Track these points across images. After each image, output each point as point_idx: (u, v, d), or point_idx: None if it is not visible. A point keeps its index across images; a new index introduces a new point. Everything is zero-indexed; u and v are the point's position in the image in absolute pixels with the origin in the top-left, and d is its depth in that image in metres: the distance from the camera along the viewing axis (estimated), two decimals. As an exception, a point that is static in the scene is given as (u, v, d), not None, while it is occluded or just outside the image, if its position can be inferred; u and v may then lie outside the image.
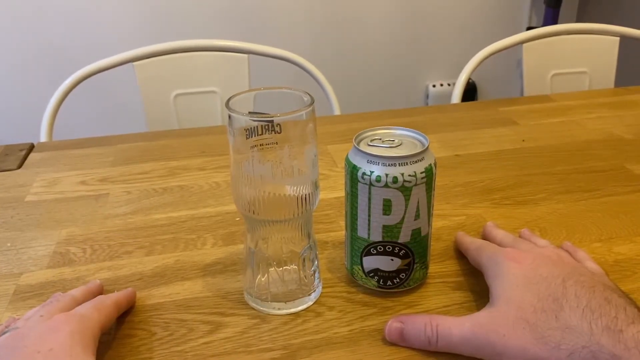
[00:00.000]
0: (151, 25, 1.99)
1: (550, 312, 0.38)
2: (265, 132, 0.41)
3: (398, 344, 0.43)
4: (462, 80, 1.13)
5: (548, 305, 0.38)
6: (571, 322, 0.37)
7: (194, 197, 0.67)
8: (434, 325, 0.41)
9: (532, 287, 0.40)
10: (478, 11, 2.26)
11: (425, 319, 0.42)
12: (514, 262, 0.43)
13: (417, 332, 0.42)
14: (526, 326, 0.38)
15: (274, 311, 0.47)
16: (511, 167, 0.74)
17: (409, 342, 0.42)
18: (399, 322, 0.43)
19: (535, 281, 0.41)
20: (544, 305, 0.38)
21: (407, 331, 0.42)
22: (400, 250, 0.46)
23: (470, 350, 0.40)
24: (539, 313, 0.38)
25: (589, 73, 1.26)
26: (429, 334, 0.41)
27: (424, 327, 0.41)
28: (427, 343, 0.41)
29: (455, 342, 0.40)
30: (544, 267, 0.42)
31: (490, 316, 0.40)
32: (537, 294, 0.39)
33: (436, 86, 2.33)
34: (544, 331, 0.37)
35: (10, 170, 0.76)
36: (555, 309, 0.38)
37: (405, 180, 0.43)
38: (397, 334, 0.43)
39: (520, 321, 0.38)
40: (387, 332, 0.43)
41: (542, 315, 0.38)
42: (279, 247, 0.46)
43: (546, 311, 0.38)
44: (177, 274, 0.53)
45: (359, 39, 2.19)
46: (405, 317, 0.43)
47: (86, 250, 0.57)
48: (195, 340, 0.44)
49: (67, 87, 1.05)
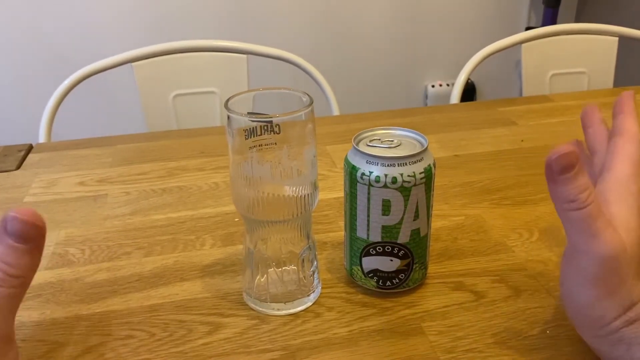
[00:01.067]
0: (150, 26, 1.99)
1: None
2: (264, 132, 0.41)
3: (553, 169, 0.36)
4: (461, 81, 1.13)
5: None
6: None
7: (193, 198, 0.67)
8: (592, 197, 0.35)
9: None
10: (477, 11, 2.26)
11: (589, 182, 0.36)
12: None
13: (578, 183, 0.35)
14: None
15: (273, 312, 0.47)
16: (510, 167, 0.74)
17: (560, 181, 0.36)
18: (576, 159, 0.35)
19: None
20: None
21: (573, 173, 0.35)
22: (399, 250, 0.46)
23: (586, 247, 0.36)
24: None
25: (588, 73, 1.26)
26: (584, 196, 0.35)
27: (586, 187, 0.35)
28: (572, 198, 0.35)
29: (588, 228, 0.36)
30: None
31: (622, 245, 0.36)
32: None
33: (435, 86, 2.33)
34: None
35: (9, 171, 0.76)
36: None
37: (405, 180, 0.43)
38: (567, 163, 0.35)
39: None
40: (560, 152, 0.35)
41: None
42: (278, 248, 0.46)
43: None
44: (176, 274, 0.53)
45: (357, 39, 2.19)
46: (581, 158, 0.36)
47: (85, 251, 0.57)
48: (194, 341, 0.44)
49: (65, 87, 1.05)
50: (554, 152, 0.36)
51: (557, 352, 0.42)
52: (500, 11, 2.28)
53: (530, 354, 0.42)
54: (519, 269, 0.52)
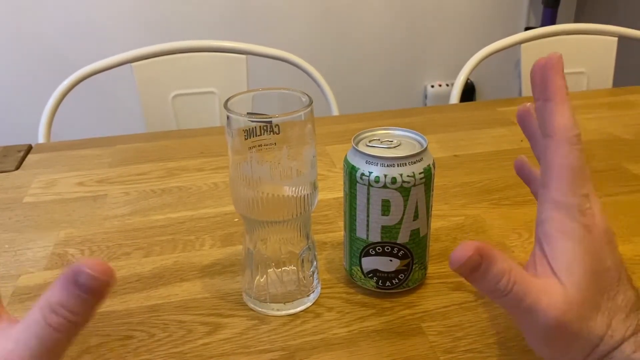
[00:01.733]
0: (150, 26, 1.99)
1: (604, 310, 0.35)
2: (263, 132, 0.41)
3: (462, 275, 0.33)
4: (461, 81, 1.13)
5: (603, 303, 0.36)
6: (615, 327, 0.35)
7: (192, 198, 0.67)
8: (512, 281, 0.33)
9: (596, 278, 0.36)
10: (476, 11, 2.26)
11: (505, 266, 0.33)
12: (590, 234, 0.36)
13: (490, 276, 0.33)
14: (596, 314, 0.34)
15: (272, 312, 0.47)
16: (510, 167, 0.73)
17: (473, 281, 0.33)
18: (479, 256, 0.32)
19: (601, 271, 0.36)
20: (599, 301, 0.35)
21: (481, 271, 0.32)
22: (399, 250, 0.46)
23: (528, 324, 0.35)
24: (594, 310, 0.35)
25: (587, 73, 1.26)
26: (502, 285, 0.33)
27: (501, 275, 0.33)
28: (491, 290, 0.33)
29: (521, 308, 0.33)
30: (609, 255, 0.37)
31: (566, 300, 0.34)
32: (599, 289, 0.36)
33: (434, 86, 2.33)
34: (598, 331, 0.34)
35: (8, 172, 0.76)
36: (609, 310, 0.35)
37: (404, 180, 0.43)
38: (470, 267, 0.32)
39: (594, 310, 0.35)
40: (459, 259, 0.32)
41: (597, 313, 0.35)
42: (277, 248, 0.46)
43: (600, 309, 0.35)
44: (176, 275, 0.53)
45: (357, 40, 2.19)
46: (485, 251, 0.32)
47: (84, 251, 0.57)
48: (194, 342, 0.44)
49: (65, 88, 1.05)
50: (452, 261, 0.32)
51: None
52: (500, 11, 2.29)
53: (529, 354, 0.42)
54: (518, 269, 0.52)
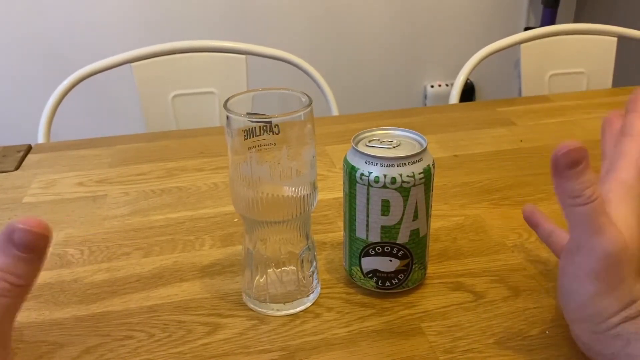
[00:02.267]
0: (149, 26, 1.99)
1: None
2: (263, 133, 0.41)
3: (561, 163, 0.38)
4: (460, 81, 1.13)
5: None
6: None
7: (192, 198, 0.67)
8: (598, 193, 0.37)
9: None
10: (476, 11, 2.26)
11: (595, 179, 0.38)
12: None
13: (583, 179, 0.37)
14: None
15: (272, 312, 0.47)
16: (509, 167, 0.74)
17: (566, 176, 0.37)
18: (583, 155, 0.38)
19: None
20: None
21: (579, 168, 0.37)
22: (398, 251, 0.46)
23: (590, 243, 0.37)
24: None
25: (587, 73, 1.26)
26: (589, 192, 0.36)
27: (590, 183, 0.37)
28: (578, 193, 0.37)
29: (593, 224, 0.36)
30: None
31: (624, 242, 0.36)
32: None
33: (434, 86, 2.33)
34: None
35: (8, 172, 0.75)
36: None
37: (404, 180, 0.43)
38: (574, 158, 0.37)
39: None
40: (568, 147, 0.38)
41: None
42: (277, 248, 0.46)
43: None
44: (175, 275, 0.53)
45: (357, 40, 2.19)
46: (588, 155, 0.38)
47: (84, 251, 0.57)
48: (193, 342, 0.44)
49: (64, 88, 1.05)
50: (561, 147, 0.37)
51: (557, 352, 0.43)
52: (499, 11, 2.29)
53: (529, 354, 0.42)
54: (518, 269, 0.52)
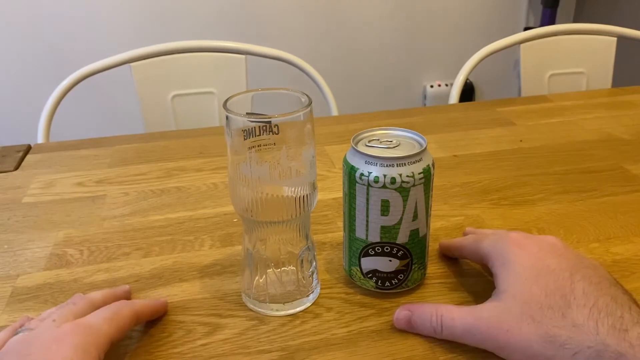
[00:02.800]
0: (148, 26, 1.99)
1: (557, 309, 0.37)
2: (262, 133, 0.41)
3: (406, 330, 0.44)
4: (460, 81, 1.13)
5: (555, 301, 0.38)
6: (578, 321, 0.36)
7: (191, 199, 0.67)
8: (439, 316, 0.42)
9: (539, 280, 0.39)
10: (475, 11, 2.26)
11: (431, 309, 0.43)
12: (519, 249, 0.43)
13: (423, 322, 0.43)
14: (531, 323, 0.37)
15: (272, 312, 0.47)
16: (509, 167, 0.74)
17: (416, 330, 0.44)
18: (407, 311, 0.44)
19: (543, 274, 0.40)
20: (551, 302, 0.38)
21: (414, 320, 0.44)
22: (398, 251, 0.46)
23: (473, 341, 0.40)
24: (545, 310, 0.38)
25: (587, 73, 1.26)
26: (434, 323, 0.42)
27: (429, 316, 0.43)
28: (432, 332, 0.43)
29: (458, 333, 0.41)
30: (551, 258, 0.41)
31: (494, 310, 0.40)
32: (544, 289, 0.39)
33: (434, 86, 2.33)
34: (550, 329, 0.37)
35: (7, 172, 0.75)
36: (562, 306, 0.37)
37: (404, 181, 0.43)
38: (405, 321, 0.44)
39: (525, 317, 0.38)
40: (396, 319, 0.44)
41: (549, 312, 0.37)
42: (277, 249, 0.46)
43: (553, 308, 0.37)
44: (175, 275, 0.53)
45: (356, 40, 2.19)
46: (413, 306, 0.44)
47: (83, 251, 0.57)
48: (193, 342, 0.44)
49: (64, 88, 1.05)
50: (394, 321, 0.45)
51: None
52: (499, 11, 2.29)
53: (529, 354, 0.42)
54: (517, 269, 0.52)
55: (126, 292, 0.48)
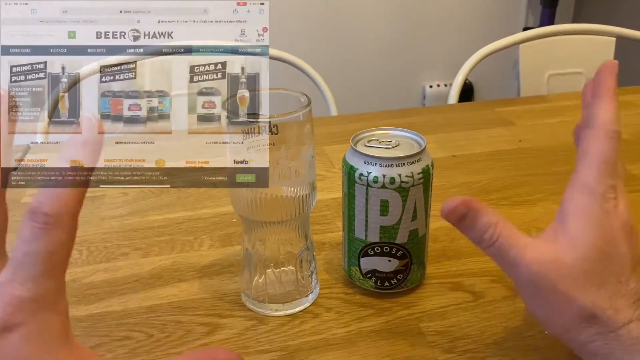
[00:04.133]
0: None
1: (609, 285, 0.35)
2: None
3: (451, 223, 0.37)
4: (459, 81, 1.13)
5: (611, 279, 0.35)
6: (619, 305, 0.34)
7: (190, 199, 0.67)
8: (497, 233, 0.36)
9: (606, 258, 0.36)
10: (475, 12, 2.26)
11: (492, 219, 0.36)
12: (608, 218, 0.37)
13: (477, 227, 0.36)
14: (587, 285, 0.34)
15: (271, 312, 0.47)
16: (508, 167, 0.74)
17: (462, 229, 0.37)
18: (465, 207, 0.36)
19: (613, 254, 0.36)
20: (609, 276, 0.35)
21: (468, 220, 0.36)
22: (397, 251, 0.46)
23: (514, 276, 0.36)
24: (600, 283, 0.35)
25: (586, 73, 1.26)
26: (487, 236, 0.36)
27: (487, 227, 0.36)
28: (478, 240, 0.37)
29: (506, 260, 0.36)
30: (625, 242, 0.37)
31: (556, 260, 0.35)
32: (608, 265, 0.35)
33: (433, 87, 2.33)
34: (593, 299, 0.34)
35: (6, 172, 0.75)
36: (614, 286, 0.35)
37: (403, 181, 0.43)
38: (457, 216, 0.37)
39: (584, 281, 0.34)
40: (448, 208, 0.36)
41: (601, 285, 0.35)
42: (276, 249, 0.46)
43: (607, 283, 0.35)
44: (174, 275, 0.53)
45: (355, 40, 2.19)
46: (472, 204, 0.37)
47: (82, 252, 0.57)
48: (192, 342, 0.44)
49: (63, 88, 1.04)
50: (443, 208, 0.37)
51: (556, 352, 0.43)
52: (498, 11, 2.29)
53: (528, 354, 0.42)
54: (517, 269, 0.52)
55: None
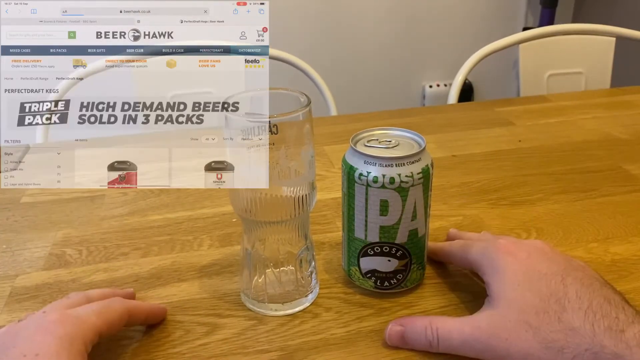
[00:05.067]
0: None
1: (552, 313, 0.37)
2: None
3: (400, 347, 0.42)
4: (459, 81, 1.13)
5: (550, 306, 0.38)
6: (574, 324, 0.36)
7: (190, 198, 0.67)
8: (434, 329, 0.41)
9: (532, 285, 0.39)
10: (474, 12, 2.26)
11: (425, 322, 0.42)
12: (509, 256, 0.42)
13: (417, 336, 0.41)
14: (529, 329, 0.37)
15: (271, 312, 0.47)
16: (508, 167, 0.74)
17: (410, 345, 0.42)
18: (399, 326, 0.42)
19: (536, 278, 0.40)
20: (546, 306, 0.38)
21: (407, 335, 0.42)
22: (397, 251, 0.46)
23: (472, 353, 0.40)
24: (541, 315, 0.38)
25: (585, 73, 1.26)
26: (429, 337, 0.41)
27: (424, 330, 0.41)
28: (428, 346, 0.41)
29: (456, 346, 0.40)
30: (541, 263, 0.41)
31: (491, 319, 0.40)
32: (538, 294, 0.39)
33: (432, 87, 2.33)
34: (547, 334, 0.37)
35: (6, 172, 0.75)
36: (557, 310, 0.37)
37: (402, 180, 0.43)
38: (397, 337, 0.42)
39: (522, 324, 0.38)
40: (388, 336, 0.43)
41: (545, 317, 0.37)
42: (276, 249, 0.46)
43: (549, 312, 0.37)
44: (174, 275, 0.53)
45: (355, 40, 2.19)
46: (405, 320, 0.43)
47: (82, 251, 0.57)
48: (192, 342, 0.44)
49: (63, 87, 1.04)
50: (387, 339, 0.43)
51: None
52: (498, 11, 2.29)
53: (528, 354, 0.42)
54: (516, 269, 0.52)
55: (128, 294, 0.48)
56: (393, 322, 0.43)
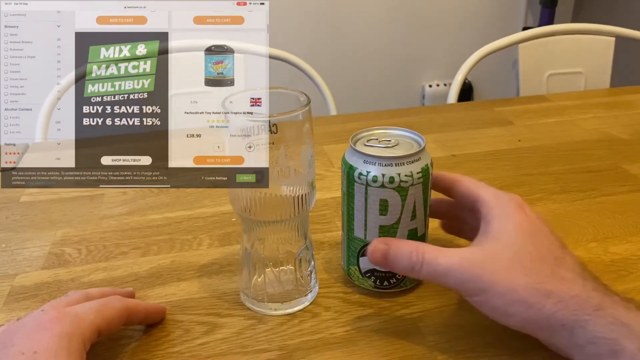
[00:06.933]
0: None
1: (547, 264, 0.38)
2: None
3: (380, 266, 0.42)
4: (458, 81, 1.13)
5: (547, 259, 0.38)
6: (566, 276, 0.37)
7: (190, 198, 0.67)
8: (420, 252, 0.40)
9: (534, 238, 0.40)
10: (474, 11, 2.26)
11: (412, 246, 0.40)
12: (520, 209, 0.42)
13: (401, 257, 0.40)
14: (520, 270, 0.37)
15: (270, 312, 0.47)
16: (507, 167, 0.74)
17: (391, 266, 0.41)
18: (384, 244, 0.41)
19: (538, 235, 0.40)
20: (543, 258, 0.38)
21: (391, 254, 0.41)
22: (396, 250, 0.46)
23: (454, 281, 0.39)
24: (537, 262, 0.38)
25: (585, 73, 1.26)
26: (414, 259, 0.40)
27: (409, 253, 0.40)
28: (410, 269, 0.40)
29: (439, 272, 0.39)
30: (546, 228, 0.41)
31: (483, 253, 0.39)
32: (538, 247, 0.39)
33: (432, 86, 2.33)
34: (538, 277, 0.37)
35: (5, 171, 0.75)
36: (553, 264, 0.38)
37: (402, 180, 0.43)
38: (381, 255, 0.41)
39: (516, 263, 0.38)
40: (371, 251, 0.41)
41: (540, 264, 0.38)
42: (275, 248, 0.46)
43: (544, 263, 0.38)
44: (173, 274, 0.53)
45: (355, 39, 2.19)
46: (391, 240, 0.42)
47: (81, 251, 0.57)
48: (191, 341, 0.44)
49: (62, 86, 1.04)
50: (368, 253, 0.42)
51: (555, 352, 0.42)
52: (498, 11, 2.29)
53: (527, 353, 0.42)
54: (516, 269, 0.52)
55: (128, 293, 0.48)
56: (378, 240, 0.42)
